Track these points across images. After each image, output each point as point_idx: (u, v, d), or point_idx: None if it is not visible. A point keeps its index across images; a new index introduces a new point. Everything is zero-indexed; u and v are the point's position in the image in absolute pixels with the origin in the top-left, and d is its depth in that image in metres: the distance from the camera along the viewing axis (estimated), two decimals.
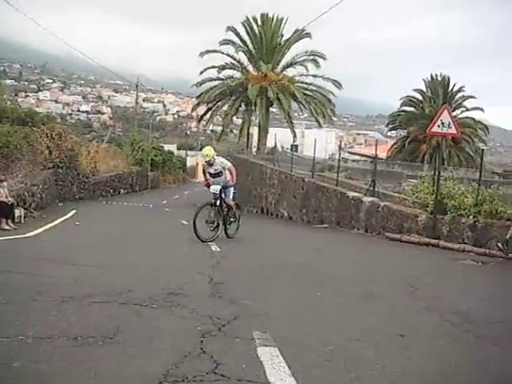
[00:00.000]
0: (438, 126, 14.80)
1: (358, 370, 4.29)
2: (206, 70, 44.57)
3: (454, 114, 49.58)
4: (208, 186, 14.41)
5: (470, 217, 13.88)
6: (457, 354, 4.93)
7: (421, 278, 9.35)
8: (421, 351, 4.97)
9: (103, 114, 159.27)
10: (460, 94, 51.36)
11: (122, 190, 43.58)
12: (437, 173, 15.79)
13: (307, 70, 44.00)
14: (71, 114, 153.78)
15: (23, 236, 13.69)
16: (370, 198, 18.67)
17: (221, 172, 14.32)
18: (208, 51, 44.34)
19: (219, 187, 14.02)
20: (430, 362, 4.67)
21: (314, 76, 44.37)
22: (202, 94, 45.55)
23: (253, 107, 43.20)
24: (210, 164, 14.21)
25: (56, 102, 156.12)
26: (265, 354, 4.50)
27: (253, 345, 4.77)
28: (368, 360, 4.58)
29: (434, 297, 7.62)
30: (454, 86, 50.98)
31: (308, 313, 6.31)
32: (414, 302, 7.23)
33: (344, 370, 4.30)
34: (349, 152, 55.46)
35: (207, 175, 14.56)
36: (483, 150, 20.59)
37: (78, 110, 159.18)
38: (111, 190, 40.34)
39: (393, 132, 62.51)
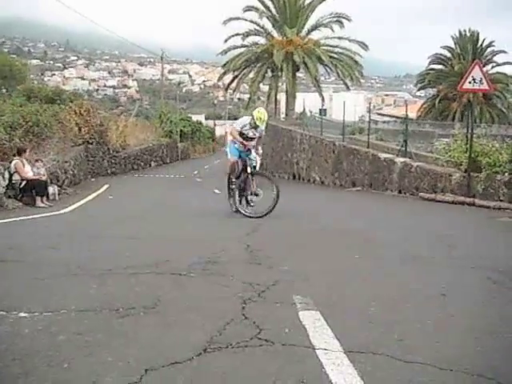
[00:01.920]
0: (470, 83, 14.54)
1: (400, 331, 4.26)
2: (230, 37, 44.27)
3: (484, 69, 48.79)
4: (244, 147, 12.54)
5: (506, 173, 13.70)
6: (500, 312, 4.87)
7: (458, 237, 9.26)
8: (463, 310, 4.92)
9: (129, 87, 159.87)
10: (490, 49, 50.40)
11: (152, 163, 43.74)
12: (469, 130, 15.55)
13: (333, 31, 43.47)
14: (98, 89, 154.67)
15: (58, 212, 13.81)
16: (403, 159, 18.51)
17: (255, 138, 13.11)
18: (231, 19, 43.94)
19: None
20: (473, 320, 4.62)
21: (340, 38, 43.76)
22: (227, 62, 45.27)
23: (279, 73, 42.86)
24: (255, 127, 12.62)
25: (82, 78, 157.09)
26: (307, 318, 4.49)
27: (294, 309, 4.76)
28: (410, 321, 4.54)
29: (473, 255, 7.54)
30: (484, 41, 49.98)
31: (347, 276, 6.28)
32: (453, 261, 7.15)
33: (387, 331, 4.27)
34: (378, 114, 54.95)
35: (240, 137, 12.66)
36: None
37: (105, 86, 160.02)
38: (142, 163, 40.51)
39: (421, 92, 61.87)
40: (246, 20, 44.08)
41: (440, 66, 51.75)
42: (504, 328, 4.41)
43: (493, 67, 50.07)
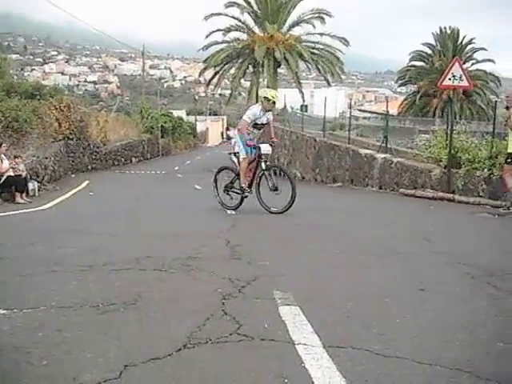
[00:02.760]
0: (450, 79, 14.64)
1: (380, 326, 4.29)
2: (211, 33, 44.12)
3: (464, 66, 49.10)
4: (247, 144, 11.73)
5: (485, 170, 13.80)
6: (478, 306, 4.91)
7: (438, 233, 9.33)
8: (442, 304, 4.97)
9: (110, 83, 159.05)
10: (470, 47, 50.79)
11: (133, 159, 43.64)
12: (449, 126, 15.65)
13: (314, 27, 43.53)
14: (78, 85, 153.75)
15: (38, 209, 13.74)
16: (383, 155, 18.60)
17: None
18: (213, 14, 43.85)
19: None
20: (451, 315, 4.67)
21: (321, 34, 43.87)
22: (208, 57, 45.13)
23: (260, 69, 42.84)
24: (267, 110, 11.88)
25: (62, 73, 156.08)
26: (286, 313, 4.51)
27: (274, 304, 4.77)
28: (389, 315, 4.58)
29: (453, 250, 7.59)
30: (464, 38, 50.36)
31: (327, 271, 6.31)
32: (433, 256, 7.20)
33: (366, 326, 4.29)
34: (359, 110, 55.16)
35: (250, 127, 11.84)
36: (496, 101, 20.40)
37: (85, 81, 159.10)
38: (123, 159, 40.39)
39: (402, 88, 62.21)
40: (227, 16, 44.00)
41: (421, 63, 52.09)
42: (482, 322, 4.45)
43: (473, 64, 50.49)
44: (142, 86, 69.72)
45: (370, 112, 46.70)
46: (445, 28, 51.36)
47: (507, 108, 11.88)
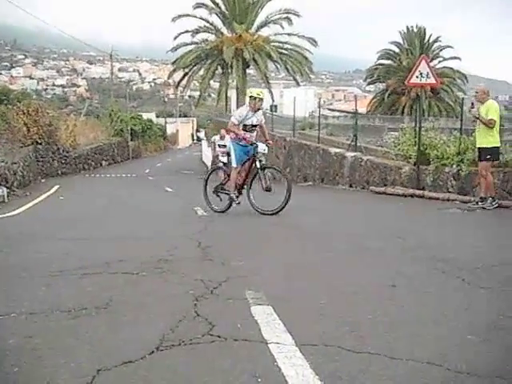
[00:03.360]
0: (417, 77, 14.74)
1: (352, 323, 4.30)
2: (179, 35, 44.01)
3: (431, 64, 49.57)
4: (245, 139, 11.53)
5: (454, 166, 13.94)
6: (448, 301, 4.97)
7: (408, 229, 9.42)
8: (412, 300, 5.01)
9: (79, 86, 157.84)
10: (437, 44, 51.29)
11: (103, 162, 43.37)
12: (418, 124, 15.78)
13: (283, 27, 43.63)
14: (46, 89, 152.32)
15: (7, 215, 13.59)
16: (353, 153, 18.70)
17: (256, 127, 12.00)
18: (180, 16, 43.72)
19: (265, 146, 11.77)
20: (422, 310, 4.70)
21: (289, 34, 43.97)
22: (177, 59, 45.00)
23: (229, 70, 42.83)
24: (256, 110, 11.74)
25: (30, 77, 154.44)
26: (259, 313, 4.51)
27: (246, 304, 4.77)
28: (361, 312, 4.60)
29: (423, 246, 7.66)
30: (431, 36, 50.87)
31: (300, 270, 6.32)
32: (404, 252, 7.25)
33: (338, 323, 4.31)
34: (328, 109, 55.23)
35: (239, 128, 11.66)
36: (463, 98, 20.65)
37: (53, 85, 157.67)
38: (93, 163, 40.12)
39: (371, 86, 62.53)
40: (195, 17, 43.88)
41: (389, 61, 52.45)
42: (453, 316, 4.50)
43: (440, 62, 51.00)
44: (111, 88, 69.32)
45: (339, 111, 46.86)
46: (412, 27, 51.84)
47: (472, 105, 12.00)
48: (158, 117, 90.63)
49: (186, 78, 46.17)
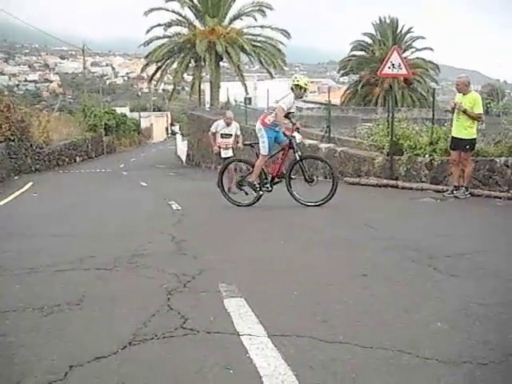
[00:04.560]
0: (389, 68, 14.81)
1: (323, 313, 4.35)
2: (152, 28, 43.93)
3: (404, 55, 49.92)
4: (287, 132, 11.17)
5: (426, 155, 14.03)
6: (419, 289, 5.04)
7: (382, 219, 9.48)
8: (383, 289, 5.06)
9: (51, 82, 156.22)
10: (409, 35, 51.59)
11: (77, 158, 43.09)
12: (390, 114, 15.86)
13: (256, 20, 43.68)
14: (18, 84, 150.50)
15: None
16: (327, 145, 18.74)
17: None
18: (153, 9, 43.60)
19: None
20: (392, 299, 4.76)
21: (262, 27, 44.16)
22: (150, 53, 44.93)
23: (202, 63, 42.80)
24: (299, 97, 11.58)
25: (1, 73, 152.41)
26: (232, 306, 4.54)
27: (219, 297, 4.80)
28: (333, 302, 4.64)
29: (395, 236, 7.73)
30: (403, 27, 51.11)
31: (272, 262, 6.35)
32: (376, 242, 7.31)
33: (310, 313, 4.35)
34: (303, 100, 55.36)
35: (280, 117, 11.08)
36: (434, 89, 20.82)
37: (26, 80, 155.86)
38: (67, 159, 39.82)
39: (345, 78, 62.75)
40: (167, 10, 43.80)
41: (362, 53, 52.63)
42: (423, 304, 4.56)
43: (412, 53, 51.35)
44: (84, 83, 68.72)
45: (313, 102, 46.89)
46: (384, 18, 52.05)
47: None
48: (132, 111, 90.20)
49: (160, 71, 46.08)
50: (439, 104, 14.83)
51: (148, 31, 43.86)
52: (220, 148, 15.38)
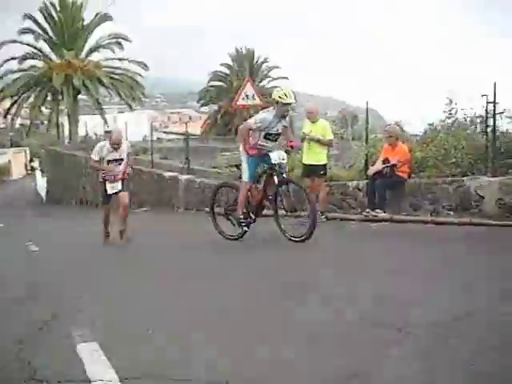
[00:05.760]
0: (243, 99, 15.27)
1: (177, 351, 4.37)
2: (5, 62, 42.57)
3: (262, 84, 51.27)
4: (258, 152, 9.63)
5: None
6: (271, 314, 5.17)
7: (237, 246, 9.75)
8: (241, 319, 5.16)
9: None
10: (265, 65, 53.10)
11: None
12: None
13: (114, 52, 43.45)
14: None
15: None
16: (186, 176, 18.90)
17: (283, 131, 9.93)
18: (4, 42, 42.32)
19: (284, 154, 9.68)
20: (248, 328, 4.86)
21: (120, 59, 43.95)
22: (3, 87, 43.46)
23: (60, 96, 41.98)
24: (284, 115, 9.60)
25: None
26: (84, 350, 4.45)
27: (72, 343, 4.68)
28: (187, 339, 4.66)
29: (252, 263, 7.92)
30: (259, 58, 52.56)
31: (128, 300, 6.30)
32: (234, 272, 7.45)
33: (163, 352, 4.35)
34: (164, 132, 55.40)
35: (258, 137, 9.66)
36: (290, 116, 21.40)
37: None
38: None
39: (206, 108, 63.31)
40: (22, 43, 42.67)
41: (220, 83, 53.50)
42: (276, 329, 4.69)
43: (269, 82, 52.76)
44: None
45: (173, 133, 47.06)
46: (241, 49, 53.29)
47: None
48: None
49: (16, 105, 44.60)
50: (296, 131, 15.36)
51: (1, 65, 42.49)
52: (106, 181, 11.34)
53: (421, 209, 11.61)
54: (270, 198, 9.78)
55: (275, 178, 9.48)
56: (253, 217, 10.05)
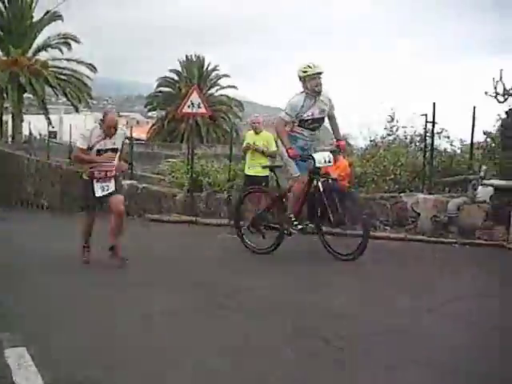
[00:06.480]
0: (189, 107, 15.32)
1: (108, 359, 4.42)
2: None
3: (210, 92, 51.38)
4: (294, 154, 8.21)
5: (225, 192, 14.59)
6: (211, 328, 5.28)
7: (181, 255, 9.82)
8: (193, 328, 5.31)
9: None
10: (215, 73, 53.27)
11: None
12: (190, 151, 16.27)
13: (62, 52, 42.96)
14: None
15: None
16: (129, 181, 18.75)
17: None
18: None
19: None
20: (206, 337, 4.97)
21: (68, 60, 43.50)
22: None
23: (4, 94, 41.26)
24: (316, 92, 8.18)
25: None
26: (12, 356, 4.45)
27: (0, 347, 4.68)
28: (118, 349, 4.72)
29: (192, 272, 8.02)
30: (209, 65, 52.66)
31: (64, 307, 6.27)
32: (178, 281, 7.53)
33: (91, 360, 4.39)
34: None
35: (293, 125, 8.39)
36: (233, 125, 21.64)
37: None
38: None
39: (154, 113, 63.10)
40: None
41: (168, 89, 53.41)
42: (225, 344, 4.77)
43: (217, 90, 52.93)
44: None
45: None
46: (191, 56, 53.34)
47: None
48: None
49: None
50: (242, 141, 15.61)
51: None
52: (94, 179, 8.41)
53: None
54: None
55: (320, 184, 8.24)
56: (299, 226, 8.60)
